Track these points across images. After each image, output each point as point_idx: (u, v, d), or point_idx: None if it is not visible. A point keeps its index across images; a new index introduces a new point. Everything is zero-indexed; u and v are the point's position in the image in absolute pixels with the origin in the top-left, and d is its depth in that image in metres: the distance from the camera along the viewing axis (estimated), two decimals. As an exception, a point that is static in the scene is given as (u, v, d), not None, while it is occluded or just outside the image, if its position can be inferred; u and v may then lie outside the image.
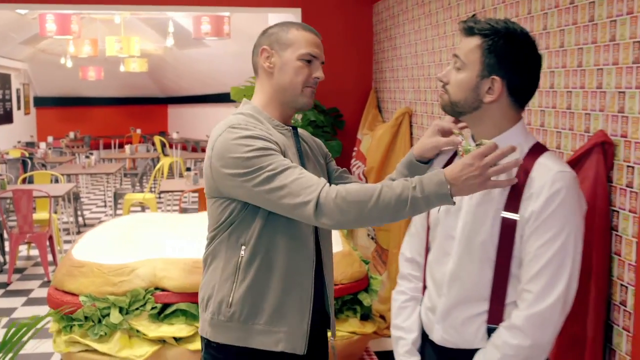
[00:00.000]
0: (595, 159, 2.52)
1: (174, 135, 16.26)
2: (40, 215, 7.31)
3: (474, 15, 1.86)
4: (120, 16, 10.93)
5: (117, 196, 9.47)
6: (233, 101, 6.52)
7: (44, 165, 11.21)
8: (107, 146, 18.75)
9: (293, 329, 2.06)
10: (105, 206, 10.89)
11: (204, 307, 2.15)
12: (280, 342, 2.05)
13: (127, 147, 12.27)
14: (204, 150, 14.56)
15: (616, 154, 2.51)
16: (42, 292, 6.22)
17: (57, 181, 8.65)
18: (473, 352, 1.82)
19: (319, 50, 2.14)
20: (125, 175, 13.61)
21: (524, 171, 1.74)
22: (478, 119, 1.84)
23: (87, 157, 9.89)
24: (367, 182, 5.29)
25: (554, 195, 1.68)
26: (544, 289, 1.68)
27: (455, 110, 1.86)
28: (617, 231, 2.52)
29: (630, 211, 2.44)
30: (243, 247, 2.04)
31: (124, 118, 20.03)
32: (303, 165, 2.13)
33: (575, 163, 2.61)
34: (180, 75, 17.09)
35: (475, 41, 1.78)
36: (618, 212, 2.51)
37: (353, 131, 6.04)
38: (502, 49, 1.76)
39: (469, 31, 1.80)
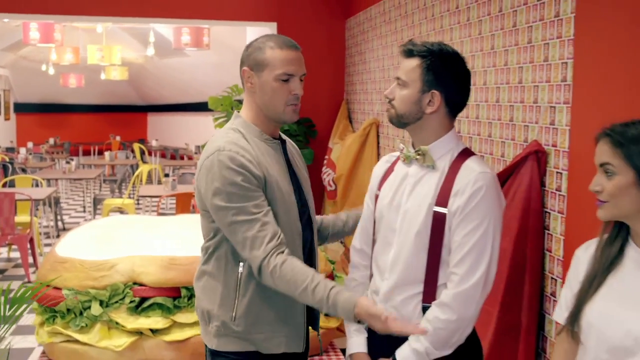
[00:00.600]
0: (530, 166, 2.84)
1: (154, 143, 16.44)
2: (22, 218, 7.50)
3: (411, 40, 2.13)
4: (102, 25, 11.15)
5: (97, 201, 9.67)
6: (212, 110, 6.80)
7: (24, 170, 11.37)
8: (86, 153, 18.86)
9: (293, 331, 2.19)
10: (84, 211, 11.07)
11: (205, 320, 2.22)
12: (282, 344, 2.17)
13: (106, 154, 12.45)
14: (182, 158, 14.77)
15: (548, 161, 2.82)
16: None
17: (38, 185, 8.85)
18: None
19: (296, 66, 2.13)
20: (104, 181, 13.76)
21: (453, 171, 2.03)
22: (419, 128, 2.12)
23: (67, 162, 10.10)
24: (336, 188, 5.57)
25: (476, 192, 1.97)
26: (468, 271, 1.98)
27: (400, 121, 2.14)
28: (548, 230, 2.83)
29: (559, 212, 2.75)
30: (241, 264, 2.12)
31: (104, 125, 20.16)
32: (293, 174, 2.23)
33: (513, 169, 2.92)
34: (161, 83, 17.31)
35: (415, 62, 2.07)
36: (549, 213, 2.83)
37: (325, 140, 6.33)
38: (438, 67, 2.06)
39: (408, 53, 2.08)
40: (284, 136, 2.34)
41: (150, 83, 18.01)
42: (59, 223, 9.51)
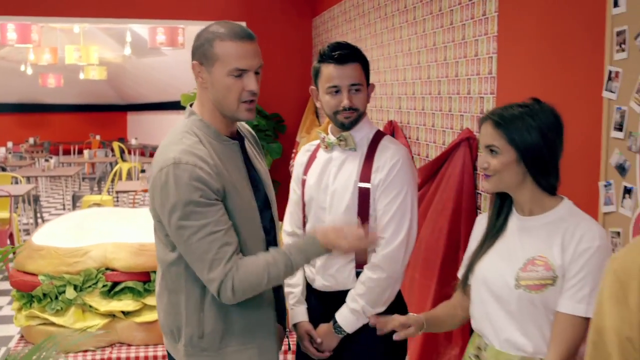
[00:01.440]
0: (463, 151, 3.12)
1: (133, 142, 16.62)
2: (1, 214, 7.70)
3: (340, 43, 2.40)
4: (79, 26, 11.33)
5: (76, 198, 9.88)
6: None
7: (3, 169, 11.54)
8: (66, 152, 18.97)
9: (264, 342, 2.09)
10: (64, 209, 11.26)
11: (174, 337, 2.10)
12: (254, 356, 2.07)
13: (85, 152, 12.64)
14: (162, 156, 14.96)
15: (479, 147, 3.10)
16: (3, 285, 6.62)
17: (17, 183, 9.04)
18: (347, 292, 2.37)
19: (250, 59, 1.94)
20: (83, 179, 13.94)
21: (371, 151, 2.32)
22: None
23: (46, 160, 10.27)
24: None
25: (394, 165, 2.27)
26: (392, 234, 2.27)
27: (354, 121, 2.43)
28: (480, 210, 3.11)
29: (488, 193, 3.04)
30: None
31: (83, 124, 20.26)
32: (254, 174, 2.11)
33: (448, 155, 3.20)
34: (139, 82, 17.48)
35: (359, 65, 2.35)
36: (481, 194, 3.11)
37: (293, 135, 6.59)
38: (367, 66, 2.36)
39: (344, 59, 2.34)
40: (243, 129, 2.23)
41: (129, 82, 18.16)
42: (39, 220, 9.70)
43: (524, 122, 1.79)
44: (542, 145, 1.78)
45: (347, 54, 2.30)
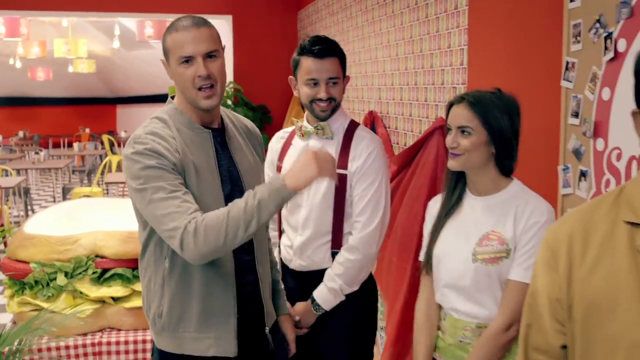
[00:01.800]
0: (437, 139, 3.26)
1: (122, 134, 16.69)
2: (-8, 206, 7.80)
3: (319, 36, 2.54)
4: (67, 19, 11.40)
5: (66, 191, 9.98)
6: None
7: (-6, 162, 11.61)
8: (56, 145, 19.01)
9: (221, 333, 2.07)
10: (54, 201, 11.35)
11: (147, 315, 2.19)
12: (211, 347, 2.06)
13: (75, 145, 12.72)
14: (151, 148, 15.04)
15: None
16: (-5, 276, 6.73)
17: (8, 175, 9.13)
18: (322, 271, 2.51)
19: (194, 45, 1.97)
20: (73, 172, 14.02)
21: (348, 139, 2.46)
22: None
23: (36, 153, 10.36)
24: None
25: (370, 154, 2.41)
26: (369, 218, 2.42)
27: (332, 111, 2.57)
28: (453, 195, 3.25)
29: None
30: (166, 259, 2.05)
31: (73, 118, 20.29)
32: (229, 164, 2.10)
33: (422, 143, 3.34)
34: (128, 75, 17.53)
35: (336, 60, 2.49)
36: (454, 180, 3.25)
37: (279, 126, 6.72)
38: (344, 59, 2.52)
39: (324, 53, 2.48)
40: (238, 123, 2.23)
41: (118, 75, 18.20)
42: (29, 212, 9.80)
43: (495, 107, 1.95)
44: (510, 129, 1.94)
45: (326, 49, 2.43)
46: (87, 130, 18.36)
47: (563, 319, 1.27)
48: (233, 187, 2.09)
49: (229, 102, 6.73)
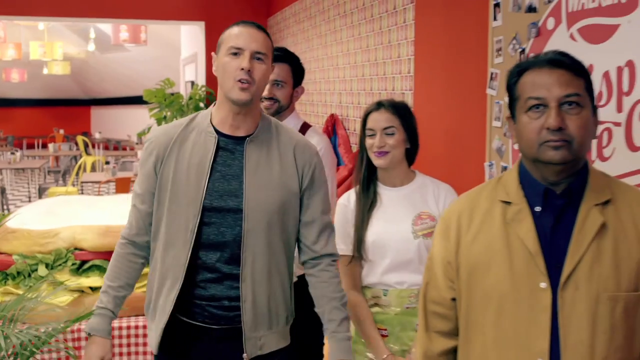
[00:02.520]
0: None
1: (97, 135, 16.87)
2: (-30, 205, 8.01)
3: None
4: (43, 22, 11.60)
5: (41, 190, 10.20)
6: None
7: (-31, 163, 11.76)
8: (30, 146, 19.08)
9: (157, 327, 2.13)
10: (29, 200, 11.54)
11: None
12: (152, 339, 2.16)
13: (50, 146, 12.90)
14: (125, 149, 15.26)
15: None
16: (-26, 271, 6.94)
17: (-16, 175, 9.33)
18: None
19: (246, 40, 2.02)
20: (48, 172, 14.20)
21: None
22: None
23: (12, 153, 10.55)
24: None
25: (323, 153, 2.74)
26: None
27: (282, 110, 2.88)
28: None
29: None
30: (151, 246, 2.21)
31: (47, 119, 20.39)
32: (210, 175, 2.07)
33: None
34: (103, 77, 17.72)
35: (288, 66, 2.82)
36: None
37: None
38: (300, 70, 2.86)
39: (279, 59, 2.81)
40: (271, 130, 2.15)
41: (92, 77, 18.38)
42: (5, 212, 10.00)
43: (406, 110, 2.37)
44: (416, 130, 2.36)
45: (278, 56, 2.78)
46: (62, 131, 18.48)
47: (453, 277, 1.62)
48: (228, 194, 2.06)
49: (201, 104, 7.03)
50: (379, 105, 2.35)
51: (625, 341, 1.46)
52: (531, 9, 2.37)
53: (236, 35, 2.04)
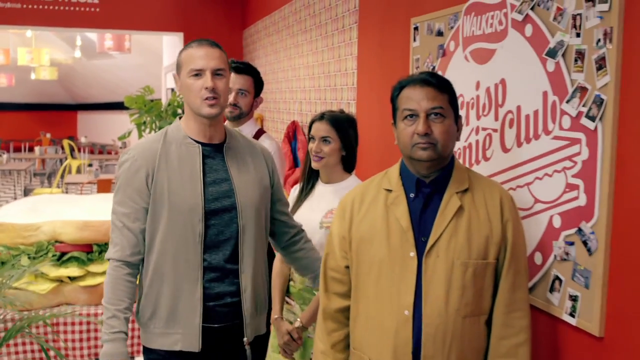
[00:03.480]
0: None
1: (83, 140, 17.19)
2: (-43, 204, 8.36)
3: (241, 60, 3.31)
4: (31, 29, 11.97)
5: (27, 191, 10.56)
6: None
7: (-43, 165, 12.08)
8: (17, 149, 19.31)
9: (187, 330, 2.23)
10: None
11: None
12: (178, 342, 2.23)
13: (36, 149, 13.24)
14: (110, 153, 15.62)
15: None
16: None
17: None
18: None
19: (205, 60, 2.17)
20: (34, 175, 14.53)
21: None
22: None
23: (-1, 156, 10.90)
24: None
25: (273, 155, 3.16)
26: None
27: (242, 117, 3.30)
28: (348, 189, 4.04)
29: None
30: (143, 260, 2.28)
31: (34, 123, 20.64)
32: (203, 181, 2.24)
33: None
34: (89, 83, 18.06)
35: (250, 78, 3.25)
36: (348, 176, 4.04)
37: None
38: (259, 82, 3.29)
39: (238, 70, 3.24)
40: (236, 137, 2.39)
41: (79, 83, 18.70)
42: (-8, 211, 10.32)
43: (346, 122, 2.73)
44: (354, 140, 2.73)
45: (241, 67, 3.22)
46: (48, 135, 18.74)
47: (346, 249, 2.06)
48: (222, 196, 2.27)
49: (179, 111, 7.44)
50: (321, 117, 2.73)
51: (474, 298, 1.90)
52: (439, 33, 2.81)
53: (194, 57, 2.19)
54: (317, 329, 2.18)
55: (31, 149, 18.40)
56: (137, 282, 2.33)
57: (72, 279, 4.89)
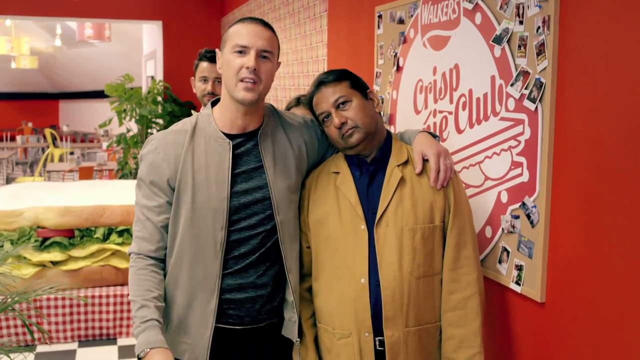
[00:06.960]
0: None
1: (65, 128, 17.23)
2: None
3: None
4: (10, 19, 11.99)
5: (9, 180, 10.63)
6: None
7: (-62, 154, 12.11)
8: (-1, 139, 19.39)
9: (196, 341, 2.10)
10: (-2, 191, 11.95)
11: None
12: (186, 352, 2.11)
13: (18, 138, 13.29)
14: (92, 142, 15.67)
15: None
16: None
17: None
18: None
19: (251, 38, 1.97)
20: (16, 164, 14.57)
21: None
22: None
23: (-20, 145, 10.95)
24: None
25: None
26: None
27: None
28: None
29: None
30: (166, 257, 2.13)
31: (15, 112, 20.62)
32: (233, 179, 2.06)
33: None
34: (71, 72, 18.08)
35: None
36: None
37: (204, 119, 7.56)
38: None
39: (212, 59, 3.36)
40: (276, 123, 2.18)
41: (60, 71, 18.71)
42: (-26, 200, 10.41)
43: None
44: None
45: (215, 56, 3.33)
46: (30, 124, 18.76)
47: (305, 230, 2.22)
48: (251, 188, 2.09)
49: (159, 98, 7.55)
50: (297, 102, 2.80)
51: (425, 260, 2.07)
52: (401, 21, 2.95)
53: (242, 32, 1.99)
54: None
55: (13, 138, 18.39)
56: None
57: (55, 263, 5.04)
